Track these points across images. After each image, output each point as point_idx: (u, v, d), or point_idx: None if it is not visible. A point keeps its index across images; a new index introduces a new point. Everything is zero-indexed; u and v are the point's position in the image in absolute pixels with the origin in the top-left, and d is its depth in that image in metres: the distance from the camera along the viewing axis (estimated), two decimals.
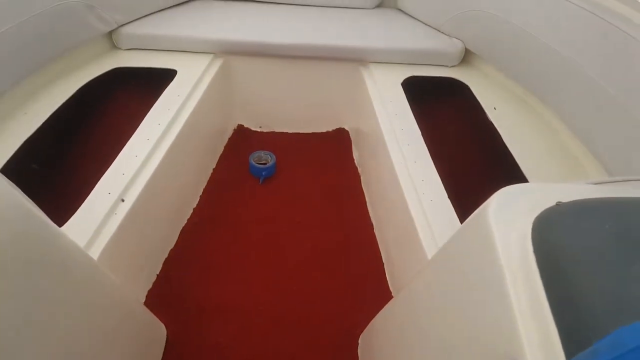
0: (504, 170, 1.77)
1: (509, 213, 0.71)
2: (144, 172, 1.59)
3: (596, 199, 0.71)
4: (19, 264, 0.76)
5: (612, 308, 0.53)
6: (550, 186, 0.75)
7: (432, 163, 1.69)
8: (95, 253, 1.29)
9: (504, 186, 0.82)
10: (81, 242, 1.29)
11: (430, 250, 1.37)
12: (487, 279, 0.70)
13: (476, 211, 0.78)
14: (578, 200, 0.69)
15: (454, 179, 1.66)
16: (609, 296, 0.54)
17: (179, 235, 1.94)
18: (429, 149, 1.77)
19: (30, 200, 0.92)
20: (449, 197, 1.55)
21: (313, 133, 2.63)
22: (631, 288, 0.55)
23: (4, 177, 0.78)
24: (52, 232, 0.89)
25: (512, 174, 1.69)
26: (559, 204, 0.69)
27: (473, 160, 2.02)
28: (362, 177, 2.33)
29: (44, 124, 1.71)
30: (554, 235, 0.64)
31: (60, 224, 1.31)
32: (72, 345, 0.97)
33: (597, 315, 0.53)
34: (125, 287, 1.37)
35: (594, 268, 0.58)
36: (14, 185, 0.88)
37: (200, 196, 2.14)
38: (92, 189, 1.48)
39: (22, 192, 0.90)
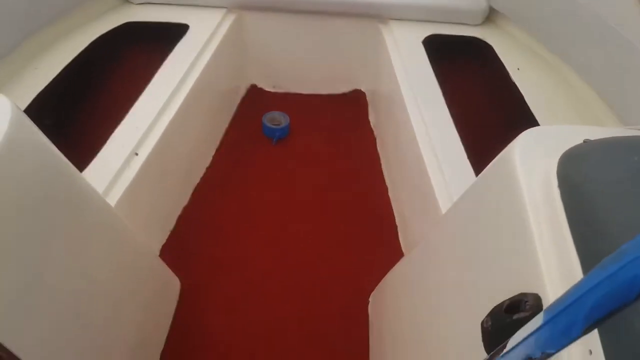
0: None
1: (534, 152, 0.68)
2: (157, 126, 1.57)
3: (624, 136, 0.68)
4: (35, 199, 0.75)
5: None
6: (577, 127, 0.71)
7: (452, 123, 1.63)
8: (110, 204, 1.28)
9: None
10: None
11: (446, 210, 1.34)
12: (508, 218, 0.67)
13: (500, 154, 0.74)
14: (606, 137, 0.65)
15: (474, 140, 1.60)
16: (634, 229, 0.51)
17: (192, 193, 1.93)
18: (449, 109, 1.70)
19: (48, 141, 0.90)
20: (468, 158, 1.50)
21: (328, 95, 2.57)
22: None
23: (25, 115, 0.77)
24: (71, 172, 0.88)
25: None
26: (586, 142, 0.65)
27: (495, 122, 1.95)
28: (377, 140, 2.28)
29: (55, 78, 1.69)
30: (580, 170, 0.61)
31: None
32: (87, 287, 0.96)
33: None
34: (141, 238, 1.37)
35: (620, 201, 0.55)
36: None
37: (213, 156, 2.11)
38: (105, 143, 1.46)
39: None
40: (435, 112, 1.69)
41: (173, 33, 2.01)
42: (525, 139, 0.70)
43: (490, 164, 0.79)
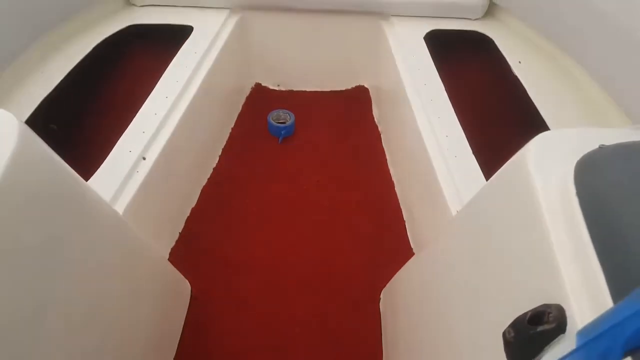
0: (530, 125, 1.71)
1: (549, 158, 0.68)
2: (163, 130, 1.58)
3: (639, 141, 0.68)
4: (43, 213, 0.76)
5: None
6: (591, 130, 0.71)
7: (456, 118, 1.64)
8: (118, 211, 1.30)
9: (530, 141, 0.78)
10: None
11: (454, 206, 1.35)
12: (525, 225, 0.68)
13: (512, 158, 0.75)
14: (622, 142, 0.66)
15: (479, 135, 1.61)
16: None
17: (200, 194, 1.94)
18: (452, 104, 1.72)
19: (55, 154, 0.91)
20: (473, 153, 1.51)
21: (332, 91, 2.58)
22: None
23: (29, 128, 0.78)
24: (78, 184, 0.89)
25: (539, 130, 1.63)
26: (602, 147, 0.66)
27: (498, 116, 1.96)
28: (382, 136, 2.29)
29: (60, 83, 1.70)
30: (598, 177, 0.61)
31: None
32: (98, 299, 0.98)
33: None
34: (151, 244, 1.38)
35: None
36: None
37: (220, 156, 2.13)
38: (112, 148, 1.47)
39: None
40: (439, 108, 1.70)
41: (177, 35, 2.02)
42: (537, 144, 0.70)
43: (502, 168, 0.80)
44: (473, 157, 1.50)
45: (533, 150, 0.70)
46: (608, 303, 0.50)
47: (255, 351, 1.51)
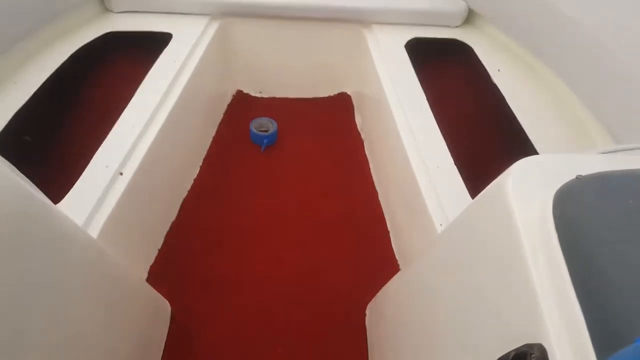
0: (509, 134, 1.73)
1: (527, 187, 0.69)
2: (141, 143, 1.54)
3: (616, 171, 0.69)
4: (16, 246, 0.73)
5: (637, 284, 0.51)
6: (568, 157, 0.72)
7: (437, 128, 1.65)
8: (94, 230, 1.26)
9: (512, 153, 0.78)
10: (79, 219, 1.25)
11: (437, 218, 1.35)
12: (506, 256, 0.68)
13: (492, 184, 0.75)
14: (598, 173, 0.67)
15: (459, 144, 1.62)
16: (634, 272, 0.52)
17: (180, 207, 1.90)
18: (433, 112, 1.72)
19: (26, 179, 0.88)
20: (455, 162, 1.52)
21: (315, 98, 2.57)
22: None
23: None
24: (50, 213, 0.85)
25: (518, 139, 1.65)
26: (579, 178, 0.67)
27: (478, 124, 1.97)
28: (365, 143, 2.29)
29: (35, 93, 1.65)
30: (576, 211, 0.62)
31: (56, 201, 1.27)
32: (75, 327, 0.95)
33: (623, 294, 0.51)
34: (128, 266, 1.34)
35: (619, 245, 0.56)
36: (9, 164, 0.84)
37: (201, 166, 2.09)
38: (88, 162, 1.43)
39: (18, 171, 0.86)
40: (420, 116, 1.71)
41: (156, 42, 1.98)
42: (516, 171, 0.71)
43: (484, 191, 0.80)
44: (455, 167, 1.50)
45: (512, 179, 0.70)
46: (587, 343, 0.51)
47: None
